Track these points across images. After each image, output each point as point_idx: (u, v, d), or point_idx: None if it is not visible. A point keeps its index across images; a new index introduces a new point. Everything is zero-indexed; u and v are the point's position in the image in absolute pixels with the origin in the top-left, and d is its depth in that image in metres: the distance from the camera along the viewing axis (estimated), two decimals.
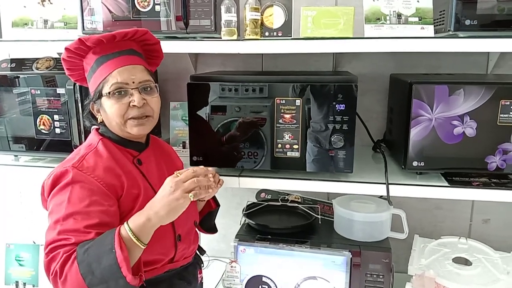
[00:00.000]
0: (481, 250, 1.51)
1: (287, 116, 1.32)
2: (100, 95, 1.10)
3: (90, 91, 1.14)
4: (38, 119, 1.51)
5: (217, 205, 1.42)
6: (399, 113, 1.42)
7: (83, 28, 1.46)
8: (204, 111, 1.38)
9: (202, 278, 1.37)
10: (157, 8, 1.40)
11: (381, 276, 1.39)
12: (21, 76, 1.51)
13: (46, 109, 1.50)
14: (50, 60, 1.55)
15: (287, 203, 1.69)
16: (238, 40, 1.34)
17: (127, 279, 0.91)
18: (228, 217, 1.82)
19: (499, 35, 1.21)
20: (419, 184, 1.32)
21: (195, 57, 1.84)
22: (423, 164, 1.32)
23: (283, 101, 1.32)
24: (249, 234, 1.53)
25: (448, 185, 1.30)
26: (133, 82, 1.09)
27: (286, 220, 1.62)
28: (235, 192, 1.93)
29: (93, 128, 1.19)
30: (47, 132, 1.52)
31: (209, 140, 1.39)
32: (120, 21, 1.43)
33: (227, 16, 1.33)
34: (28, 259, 1.84)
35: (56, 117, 1.50)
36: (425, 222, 1.80)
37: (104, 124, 1.15)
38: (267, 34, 1.38)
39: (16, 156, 1.62)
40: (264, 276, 1.48)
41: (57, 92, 1.48)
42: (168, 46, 1.34)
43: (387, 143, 1.66)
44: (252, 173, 1.41)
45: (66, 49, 1.10)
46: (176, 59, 1.81)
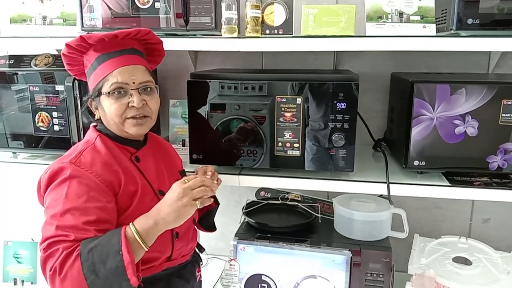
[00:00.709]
0: (481, 250, 1.51)
1: (288, 115, 1.32)
2: (100, 93, 1.09)
3: (89, 88, 1.13)
4: (37, 116, 1.50)
5: (217, 204, 1.41)
6: (400, 112, 1.42)
7: (82, 25, 1.45)
8: (204, 109, 1.37)
9: (201, 276, 1.36)
10: (157, 5, 1.39)
11: (381, 276, 1.39)
12: (20, 73, 1.49)
13: (45, 106, 1.49)
14: (49, 57, 1.54)
15: (287, 202, 1.68)
16: (239, 38, 1.34)
17: (131, 282, 0.91)
18: (228, 216, 1.81)
19: (501, 34, 1.20)
20: (420, 184, 1.31)
21: (195, 55, 1.83)
22: (424, 164, 1.31)
23: (284, 100, 1.31)
24: (249, 233, 1.52)
25: (449, 185, 1.29)
26: (133, 83, 1.09)
27: (286, 219, 1.62)
28: (235, 190, 1.92)
29: (91, 125, 1.18)
30: (46, 129, 1.51)
31: (209, 138, 1.39)
32: (120, 18, 1.42)
33: (228, 14, 1.32)
34: (26, 257, 1.83)
35: (55, 114, 1.48)
36: (425, 222, 1.80)
37: (102, 121, 1.14)
38: (268, 32, 1.37)
39: (15, 153, 1.62)
40: (264, 275, 1.48)
41: (56, 89, 1.46)
42: (168, 44, 1.32)
43: (388, 142, 1.66)
44: (252, 172, 1.40)
45: (67, 45, 1.09)
46: (176, 57, 1.80)
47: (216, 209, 1.42)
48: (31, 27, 1.52)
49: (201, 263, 1.38)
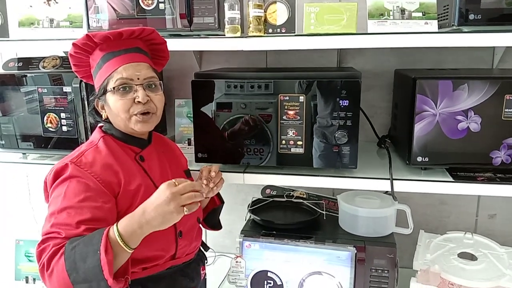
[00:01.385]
0: (487, 245, 1.51)
1: (291, 113, 1.33)
2: (105, 91, 1.11)
3: (96, 87, 1.16)
4: (45, 117, 1.53)
5: (221, 202, 1.43)
6: (403, 109, 1.42)
7: (88, 27, 1.47)
8: (210, 108, 1.39)
9: (206, 275, 1.38)
10: (161, 6, 1.41)
11: (386, 271, 1.39)
12: (28, 75, 1.53)
13: (53, 107, 1.52)
14: (57, 59, 1.57)
15: (292, 199, 1.69)
16: (242, 37, 1.35)
17: (108, 282, 0.91)
18: (234, 213, 1.83)
19: (504, 29, 1.20)
20: (424, 180, 1.32)
21: (200, 54, 1.85)
22: (428, 160, 1.32)
23: (287, 98, 1.32)
24: (254, 230, 1.54)
25: (453, 180, 1.30)
26: (138, 79, 1.11)
27: (291, 216, 1.63)
28: (241, 188, 1.94)
29: (98, 126, 1.20)
30: (54, 130, 1.54)
31: (214, 137, 1.40)
32: (125, 19, 1.44)
33: (231, 14, 1.34)
34: None
35: (63, 115, 1.51)
36: (431, 218, 1.80)
37: (108, 121, 1.16)
38: (271, 31, 1.39)
39: (24, 154, 1.65)
40: (269, 271, 1.49)
41: (64, 91, 1.49)
42: (172, 44, 1.34)
43: (392, 139, 1.66)
44: (257, 169, 1.42)
45: (74, 45, 1.12)
46: (181, 57, 1.82)
47: (221, 208, 1.44)
48: (39, 30, 1.54)
49: (206, 262, 1.39)
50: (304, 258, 1.45)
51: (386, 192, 1.53)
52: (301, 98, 1.31)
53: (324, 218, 1.57)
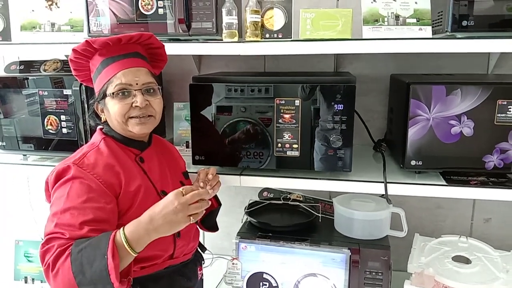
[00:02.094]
0: (481, 249, 1.52)
1: (287, 116, 1.35)
2: (104, 95, 1.13)
3: (95, 91, 1.18)
4: (46, 120, 1.55)
5: (219, 204, 1.44)
6: (398, 113, 1.44)
7: (89, 31, 1.49)
8: (209, 111, 1.40)
9: (202, 275, 1.40)
10: (160, 11, 1.43)
11: (380, 274, 1.41)
12: (30, 78, 1.55)
13: (54, 110, 1.54)
14: (58, 62, 1.60)
15: (289, 202, 1.71)
16: (239, 42, 1.37)
17: (114, 286, 0.93)
18: (232, 216, 1.85)
19: (497, 36, 1.22)
20: (418, 183, 1.33)
21: (199, 59, 1.87)
22: (421, 163, 1.34)
23: (283, 101, 1.34)
24: (251, 232, 1.55)
25: (446, 184, 1.31)
26: (137, 84, 1.13)
27: (287, 219, 1.65)
28: (238, 191, 1.96)
29: (98, 128, 1.23)
30: (55, 132, 1.56)
31: (211, 140, 1.42)
32: (125, 24, 1.46)
33: (228, 19, 1.36)
34: (37, 256, 1.88)
35: (63, 118, 1.54)
36: (426, 221, 1.81)
37: (108, 124, 1.19)
38: (268, 36, 1.41)
39: (25, 156, 1.67)
40: (265, 273, 1.51)
41: (64, 93, 1.52)
42: (171, 48, 1.37)
43: (388, 143, 1.68)
44: (253, 172, 1.43)
45: (74, 50, 1.14)
46: (180, 61, 1.84)
47: (218, 210, 1.45)
48: (40, 34, 1.57)
49: (203, 262, 1.41)
50: (300, 260, 1.47)
51: (382, 196, 1.55)
52: (297, 102, 1.33)
53: (320, 221, 1.59)
